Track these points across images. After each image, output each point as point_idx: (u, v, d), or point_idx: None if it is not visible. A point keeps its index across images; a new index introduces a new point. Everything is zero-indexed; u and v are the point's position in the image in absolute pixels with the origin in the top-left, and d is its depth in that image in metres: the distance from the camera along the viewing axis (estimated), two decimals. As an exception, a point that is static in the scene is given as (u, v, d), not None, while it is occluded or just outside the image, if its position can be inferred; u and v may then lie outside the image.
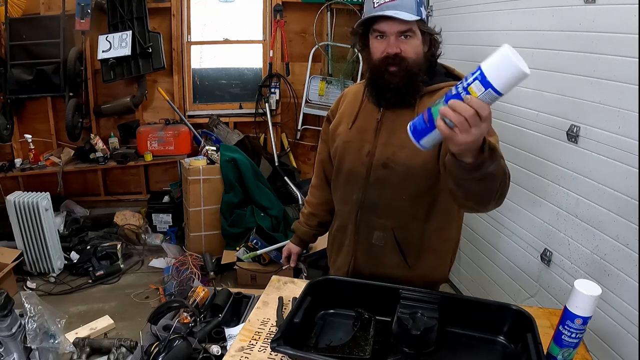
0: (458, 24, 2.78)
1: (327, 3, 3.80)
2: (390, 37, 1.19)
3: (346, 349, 1.06)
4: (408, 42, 1.19)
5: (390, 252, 1.35)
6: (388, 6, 1.16)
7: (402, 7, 1.16)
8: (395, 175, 1.26)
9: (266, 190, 3.43)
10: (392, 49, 1.19)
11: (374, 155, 1.29)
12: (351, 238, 1.40)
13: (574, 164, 1.88)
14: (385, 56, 1.20)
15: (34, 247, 3.05)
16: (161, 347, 1.28)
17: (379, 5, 1.18)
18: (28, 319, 1.87)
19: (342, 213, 1.43)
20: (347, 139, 1.35)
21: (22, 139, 3.67)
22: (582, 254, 1.84)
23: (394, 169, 1.26)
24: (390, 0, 1.16)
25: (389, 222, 1.32)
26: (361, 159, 1.31)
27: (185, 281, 2.92)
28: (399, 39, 1.19)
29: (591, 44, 1.74)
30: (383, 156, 1.28)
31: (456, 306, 1.15)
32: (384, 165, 1.27)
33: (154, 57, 3.57)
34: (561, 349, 1.01)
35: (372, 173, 1.30)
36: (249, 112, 4.07)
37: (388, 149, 1.27)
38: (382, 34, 1.20)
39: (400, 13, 1.14)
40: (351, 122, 1.35)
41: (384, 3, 1.17)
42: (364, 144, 1.31)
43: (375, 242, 1.35)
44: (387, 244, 1.34)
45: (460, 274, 2.92)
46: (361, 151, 1.31)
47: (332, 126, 1.42)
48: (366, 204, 1.33)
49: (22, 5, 3.49)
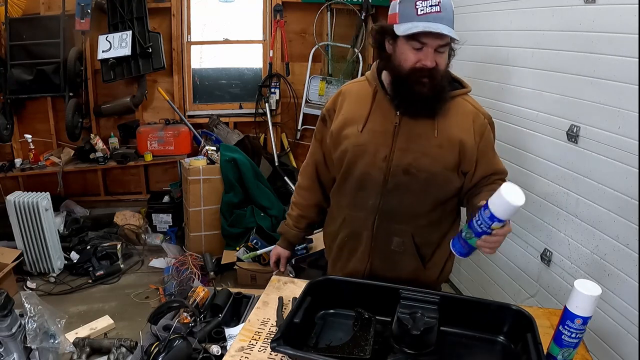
0: (458, 24, 2.73)
1: (327, 3, 3.79)
2: (429, 48, 1.15)
3: (346, 349, 1.06)
4: (442, 55, 1.18)
5: (409, 257, 1.35)
6: (435, 18, 1.12)
7: (446, 19, 1.13)
8: (417, 182, 1.25)
9: (266, 190, 3.43)
10: (430, 62, 1.15)
11: (392, 160, 1.26)
12: (367, 244, 1.37)
13: (574, 164, 1.88)
14: (420, 67, 1.16)
15: (34, 247, 3.04)
16: (161, 347, 1.28)
17: (424, 15, 1.12)
18: (28, 319, 1.87)
19: (354, 219, 1.38)
20: (359, 142, 1.29)
21: (22, 139, 3.67)
22: (582, 254, 1.84)
23: (415, 175, 1.25)
24: (436, 11, 1.12)
25: (408, 228, 1.32)
26: (377, 163, 1.28)
27: (185, 281, 2.92)
28: (436, 51, 1.16)
29: (591, 44, 1.74)
30: (404, 162, 1.25)
31: (456, 306, 1.15)
32: (404, 172, 1.25)
33: (154, 57, 3.57)
34: (561, 349, 1.01)
35: (390, 179, 1.28)
36: (249, 112, 4.07)
37: (409, 155, 1.25)
38: (422, 45, 1.15)
39: (447, 29, 1.12)
40: (362, 124, 1.29)
41: (430, 13, 1.12)
42: (379, 148, 1.27)
43: (395, 248, 1.34)
44: (407, 250, 1.34)
45: (460, 274, 2.92)
46: (377, 156, 1.27)
47: (336, 127, 1.35)
48: (385, 210, 1.31)
49: (22, 5, 3.49)
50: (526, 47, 2.14)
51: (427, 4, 1.12)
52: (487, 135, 1.28)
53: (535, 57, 2.08)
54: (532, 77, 2.12)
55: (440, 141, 1.24)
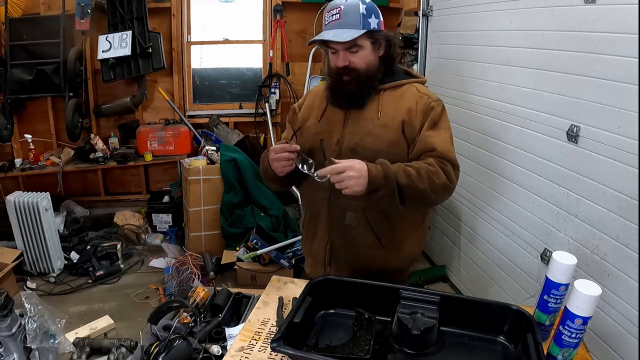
0: (458, 24, 2.79)
1: (327, 3, 3.79)
2: (339, 52, 1.35)
3: (346, 349, 1.06)
4: (356, 54, 1.35)
5: (364, 231, 1.44)
6: (333, 25, 1.32)
7: (346, 24, 1.31)
8: (362, 158, 1.33)
9: (266, 190, 3.43)
10: (342, 62, 1.35)
11: (343, 143, 1.41)
12: (325, 222, 1.48)
13: (574, 164, 1.88)
14: (337, 67, 1.37)
15: (34, 247, 3.05)
16: (161, 347, 1.28)
17: (328, 24, 1.34)
18: (28, 319, 1.87)
19: (313, 200, 1.52)
20: (317, 130, 1.46)
21: (22, 139, 3.67)
22: (582, 254, 1.84)
23: (361, 153, 1.36)
24: (335, 20, 1.32)
25: (360, 203, 1.40)
26: (331, 147, 1.41)
27: (185, 281, 2.92)
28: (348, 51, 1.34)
29: (591, 44, 1.74)
30: (351, 142, 1.40)
31: (456, 306, 1.15)
32: (352, 150, 1.38)
33: (154, 57, 3.57)
34: (561, 349, 1.01)
35: (341, 158, 1.34)
36: (249, 112, 4.08)
37: (355, 136, 1.40)
38: (335, 49, 1.36)
39: (341, 33, 1.29)
40: (320, 115, 1.48)
41: (330, 22, 1.33)
42: (333, 134, 1.43)
43: (348, 222, 1.44)
44: (360, 224, 1.44)
45: (460, 274, 2.92)
46: (331, 140, 1.42)
47: (300, 118, 1.54)
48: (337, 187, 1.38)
49: (22, 5, 3.49)
50: (526, 47, 2.14)
51: (329, 14, 1.35)
52: (432, 115, 1.38)
53: (535, 57, 2.08)
54: (532, 77, 2.12)
55: (384, 121, 1.38)
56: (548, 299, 1.08)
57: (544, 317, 1.10)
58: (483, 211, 2.60)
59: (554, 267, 1.06)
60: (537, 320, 1.10)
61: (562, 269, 1.05)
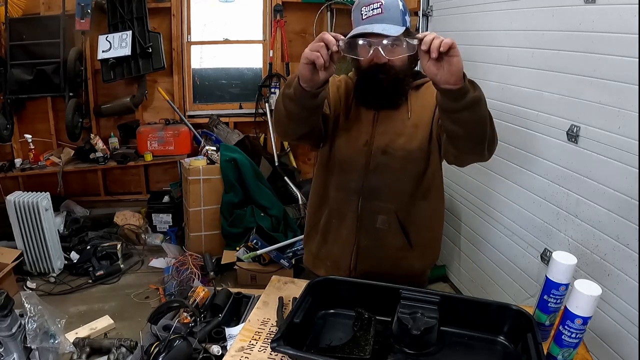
0: (458, 24, 2.79)
1: (327, 3, 3.80)
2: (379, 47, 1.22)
3: (346, 349, 1.05)
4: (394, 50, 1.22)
5: (394, 234, 1.40)
6: (376, 19, 1.23)
7: (389, 19, 1.23)
8: (395, 160, 1.33)
9: (266, 190, 3.43)
10: (383, 58, 1.24)
11: (373, 144, 1.36)
12: (353, 225, 1.42)
13: (574, 164, 1.88)
14: (374, 64, 1.27)
15: (34, 247, 3.05)
16: (161, 347, 1.28)
17: (367, 18, 1.25)
18: (28, 319, 1.87)
19: (336, 200, 1.44)
20: (345, 127, 1.40)
21: (22, 139, 3.67)
22: (582, 254, 1.84)
23: (392, 154, 1.34)
24: (378, 13, 1.23)
25: (392, 205, 1.37)
26: (358, 147, 1.37)
27: (185, 281, 2.92)
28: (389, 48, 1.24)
29: (591, 44, 1.74)
30: (382, 143, 1.35)
31: (456, 306, 1.15)
32: (383, 152, 1.35)
33: (154, 57, 3.57)
34: (561, 349, 1.01)
35: (371, 160, 1.35)
36: (249, 112, 4.08)
37: (386, 137, 1.35)
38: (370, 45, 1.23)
39: (388, 27, 1.21)
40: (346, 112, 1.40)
41: (372, 16, 1.24)
42: (360, 134, 1.37)
43: (380, 226, 1.40)
44: (391, 227, 1.40)
45: (460, 274, 2.92)
46: (359, 141, 1.37)
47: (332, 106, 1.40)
48: (367, 190, 1.37)
49: (22, 5, 3.49)
50: (526, 47, 2.14)
51: (369, 8, 1.25)
52: None
53: (535, 57, 2.08)
54: (532, 77, 2.12)
55: (414, 121, 1.35)
56: (548, 299, 1.08)
57: (544, 317, 1.10)
58: (483, 211, 2.60)
59: (554, 267, 1.06)
60: (537, 320, 1.10)
61: (562, 269, 1.05)
